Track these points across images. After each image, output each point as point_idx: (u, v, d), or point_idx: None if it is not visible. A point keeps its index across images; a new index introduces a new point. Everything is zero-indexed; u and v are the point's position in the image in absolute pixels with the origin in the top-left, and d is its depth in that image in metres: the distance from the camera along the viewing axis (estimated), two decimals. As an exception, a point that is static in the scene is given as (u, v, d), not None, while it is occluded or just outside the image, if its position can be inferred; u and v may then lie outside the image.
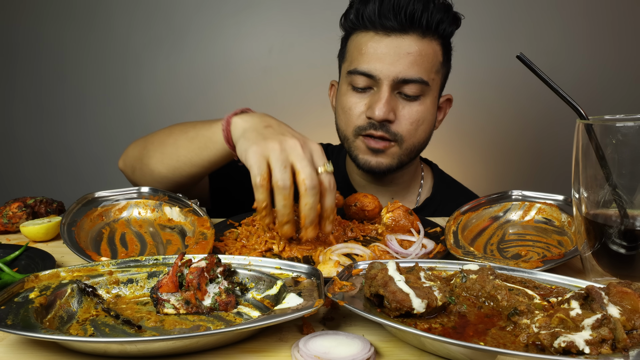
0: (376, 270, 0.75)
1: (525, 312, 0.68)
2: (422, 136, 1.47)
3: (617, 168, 0.80)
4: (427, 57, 1.38)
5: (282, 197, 0.96)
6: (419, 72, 1.37)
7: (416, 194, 1.65)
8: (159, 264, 0.87)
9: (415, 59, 1.36)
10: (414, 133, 1.43)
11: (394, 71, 1.36)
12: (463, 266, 0.82)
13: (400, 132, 1.41)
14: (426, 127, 1.46)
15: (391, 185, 1.60)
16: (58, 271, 0.82)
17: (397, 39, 1.36)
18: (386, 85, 1.37)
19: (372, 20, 1.36)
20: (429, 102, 1.43)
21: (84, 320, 0.75)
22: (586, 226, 0.85)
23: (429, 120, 1.46)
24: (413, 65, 1.36)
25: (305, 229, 0.99)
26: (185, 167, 1.26)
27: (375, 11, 1.35)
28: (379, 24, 1.36)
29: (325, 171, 1.00)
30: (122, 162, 1.44)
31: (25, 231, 1.19)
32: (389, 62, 1.35)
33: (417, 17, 1.33)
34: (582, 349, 0.59)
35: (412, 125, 1.42)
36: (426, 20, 1.34)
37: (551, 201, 1.17)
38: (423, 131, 1.46)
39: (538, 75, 0.90)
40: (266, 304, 0.80)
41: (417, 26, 1.35)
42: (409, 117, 1.41)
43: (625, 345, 0.60)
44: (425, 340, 0.65)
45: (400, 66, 1.35)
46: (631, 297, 0.67)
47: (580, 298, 0.69)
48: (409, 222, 1.14)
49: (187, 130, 1.27)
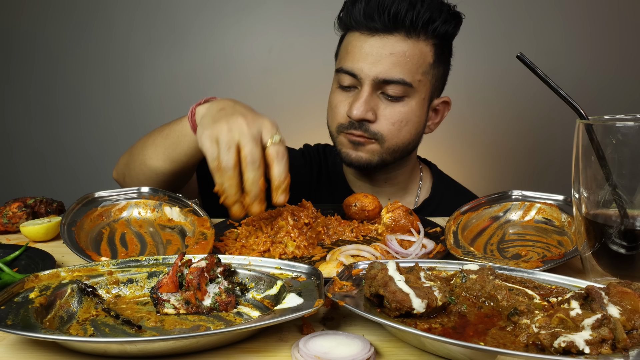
0: (376, 270, 0.75)
1: (525, 312, 0.68)
2: (407, 137, 1.45)
3: (617, 168, 0.80)
4: (412, 58, 1.36)
5: (226, 177, 0.97)
6: (401, 72, 1.36)
7: (414, 195, 1.65)
8: (159, 264, 0.87)
9: (399, 59, 1.35)
10: (396, 133, 1.42)
11: (375, 71, 1.35)
12: (463, 266, 0.82)
13: (380, 131, 1.41)
14: (411, 128, 1.44)
15: (386, 185, 1.60)
16: (58, 271, 0.82)
17: (382, 39, 1.35)
18: (367, 85, 1.37)
19: (358, 20, 1.37)
20: (414, 103, 1.41)
21: (84, 320, 0.75)
22: (586, 226, 0.85)
23: (414, 122, 1.44)
24: (395, 65, 1.35)
25: (249, 205, 0.99)
26: (166, 165, 1.27)
27: (361, 11, 1.35)
28: (364, 24, 1.36)
29: (272, 144, 0.99)
30: (115, 172, 1.47)
31: (25, 231, 1.19)
32: (370, 62, 1.35)
33: (401, 17, 1.32)
34: (582, 349, 0.59)
35: (393, 126, 1.41)
36: (410, 20, 1.33)
37: (551, 201, 1.17)
38: (407, 132, 1.44)
39: (538, 75, 0.90)
40: (266, 304, 0.80)
41: (401, 26, 1.34)
42: (391, 117, 1.40)
43: (625, 345, 0.60)
44: (425, 340, 0.65)
45: (381, 66, 1.35)
46: (631, 297, 0.67)
47: (580, 298, 0.69)
48: (409, 222, 1.14)
49: (162, 129, 1.30)
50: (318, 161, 1.73)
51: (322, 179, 1.71)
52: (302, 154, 1.74)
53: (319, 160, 1.73)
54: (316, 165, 1.72)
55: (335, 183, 1.68)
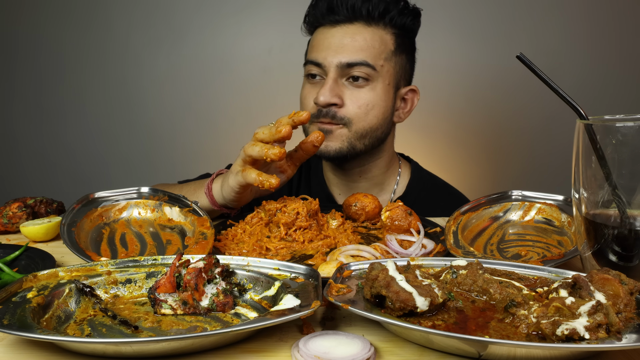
0: (377, 271, 0.75)
1: (522, 304, 0.70)
2: (374, 121, 1.49)
3: (617, 168, 0.80)
4: (374, 44, 1.45)
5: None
6: (363, 56, 1.43)
7: (390, 192, 1.66)
8: (158, 264, 0.87)
9: (360, 44, 1.44)
10: (363, 117, 1.47)
11: (338, 57, 1.43)
12: (452, 262, 0.83)
13: (347, 115, 1.46)
14: (377, 112, 1.49)
15: (361, 180, 1.62)
16: (57, 271, 0.82)
17: (343, 28, 1.46)
18: (332, 72, 1.44)
19: (323, 15, 1.48)
20: (379, 88, 1.47)
21: (81, 321, 0.75)
22: (586, 226, 0.85)
23: (381, 107, 1.49)
24: (358, 50, 1.43)
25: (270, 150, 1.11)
26: None
27: (324, 7, 1.47)
28: (327, 18, 1.47)
29: None
30: None
31: (25, 231, 1.19)
32: (334, 49, 1.44)
33: (358, 7, 1.44)
34: (582, 335, 0.62)
35: (360, 109, 1.46)
36: (367, 10, 1.44)
37: (551, 201, 1.17)
38: (374, 116, 1.48)
39: (538, 75, 0.90)
40: (264, 305, 0.80)
41: (359, 16, 1.45)
42: (357, 100, 1.45)
43: (618, 329, 0.64)
44: (433, 337, 0.66)
45: (345, 52, 1.43)
46: (612, 283, 0.70)
47: (568, 287, 0.72)
48: (407, 222, 1.14)
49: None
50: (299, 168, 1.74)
51: (301, 186, 1.74)
52: None
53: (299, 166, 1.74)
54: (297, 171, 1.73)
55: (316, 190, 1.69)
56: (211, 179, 1.28)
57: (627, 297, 0.69)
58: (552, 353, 0.63)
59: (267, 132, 1.11)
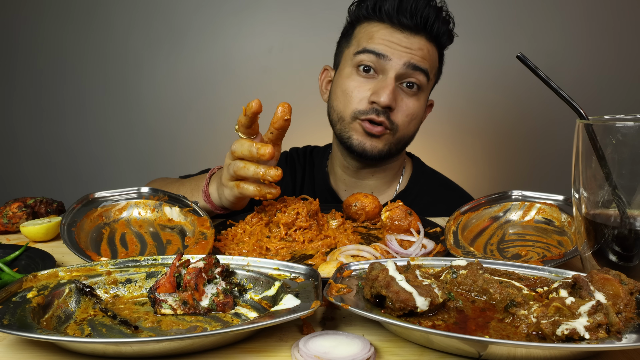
0: (377, 271, 0.75)
1: (522, 304, 0.70)
2: (412, 130, 1.53)
3: (617, 168, 0.80)
4: (432, 58, 1.48)
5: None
6: (426, 64, 1.45)
7: (394, 189, 1.67)
8: (158, 264, 0.87)
9: (424, 54, 1.45)
10: (407, 125, 1.48)
11: (407, 57, 1.42)
12: (452, 262, 0.83)
13: (396, 121, 1.46)
14: (417, 122, 1.53)
15: (372, 179, 1.62)
16: (57, 271, 0.82)
17: (409, 37, 1.44)
18: (395, 71, 1.42)
19: (390, 15, 1.43)
20: (422, 99, 1.51)
21: (81, 321, 0.75)
22: (586, 226, 0.85)
23: (420, 117, 1.53)
24: (422, 58, 1.45)
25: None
26: None
27: (394, 7, 1.42)
28: (395, 19, 1.43)
29: None
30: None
31: (25, 231, 1.19)
32: (402, 48, 1.42)
33: (430, 22, 1.43)
34: (582, 335, 0.62)
35: (407, 118, 1.47)
36: (436, 28, 1.45)
37: (551, 201, 1.17)
38: (414, 126, 1.52)
39: (538, 75, 0.90)
40: (264, 305, 0.80)
41: (427, 30, 1.44)
42: (406, 109, 1.46)
43: (618, 329, 0.64)
44: (433, 337, 0.66)
45: (411, 55, 1.43)
46: (612, 283, 0.70)
47: (568, 287, 0.72)
48: (407, 222, 1.14)
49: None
50: (303, 165, 1.75)
51: (305, 183, 1.73)
52: (285, 158, 1.76)
53: (303, 164, 1.76)
54: (300, 169, 1.74)
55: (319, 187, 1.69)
56: (206, 184, 1.27)
57: (627, 297, 0.69)
58: (552, 353, 0.63)
59: (246, 152, 1.07)
